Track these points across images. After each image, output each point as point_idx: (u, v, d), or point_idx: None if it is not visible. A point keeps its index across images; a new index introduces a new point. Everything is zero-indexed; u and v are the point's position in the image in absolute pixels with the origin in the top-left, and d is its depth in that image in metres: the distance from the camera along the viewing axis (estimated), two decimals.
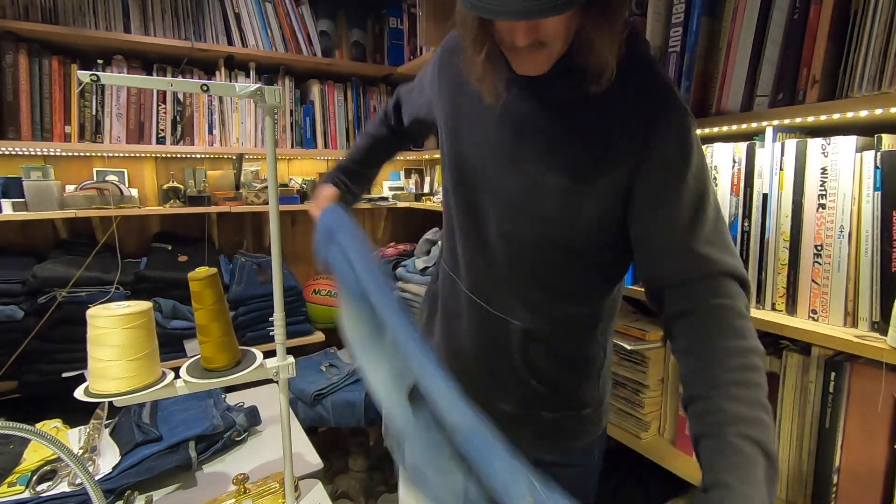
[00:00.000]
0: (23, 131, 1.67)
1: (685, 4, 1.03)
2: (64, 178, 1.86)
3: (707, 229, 0.63)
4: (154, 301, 1.75)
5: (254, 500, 0.98)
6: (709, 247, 0.62)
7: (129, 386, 0.79)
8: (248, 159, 2.14)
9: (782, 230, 0.91)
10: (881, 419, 0.79)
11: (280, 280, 0.89)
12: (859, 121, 0.87)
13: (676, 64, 1.06)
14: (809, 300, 0.88)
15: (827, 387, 0.85)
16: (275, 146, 0.85)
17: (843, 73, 0.80)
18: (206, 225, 2.13)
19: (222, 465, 1.12)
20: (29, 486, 0.99)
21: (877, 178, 0.78)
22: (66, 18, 1.71)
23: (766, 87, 0.91)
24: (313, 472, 1.11)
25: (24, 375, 1.61)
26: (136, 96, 1.84)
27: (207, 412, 1.20)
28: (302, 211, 2.33)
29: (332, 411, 1.81)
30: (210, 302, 0.85)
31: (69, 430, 1.20)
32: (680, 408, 1.10)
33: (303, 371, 1.97)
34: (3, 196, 1.64)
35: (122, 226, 1.93)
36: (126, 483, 1.00)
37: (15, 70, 1.65)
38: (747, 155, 0.95)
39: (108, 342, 0.77)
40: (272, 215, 0.87)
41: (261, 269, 2.01)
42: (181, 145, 1.93)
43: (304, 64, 2.12)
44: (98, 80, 0.73)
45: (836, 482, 0.86)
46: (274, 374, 0.90)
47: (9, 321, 1.57)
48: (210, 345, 0.86)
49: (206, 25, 1.95)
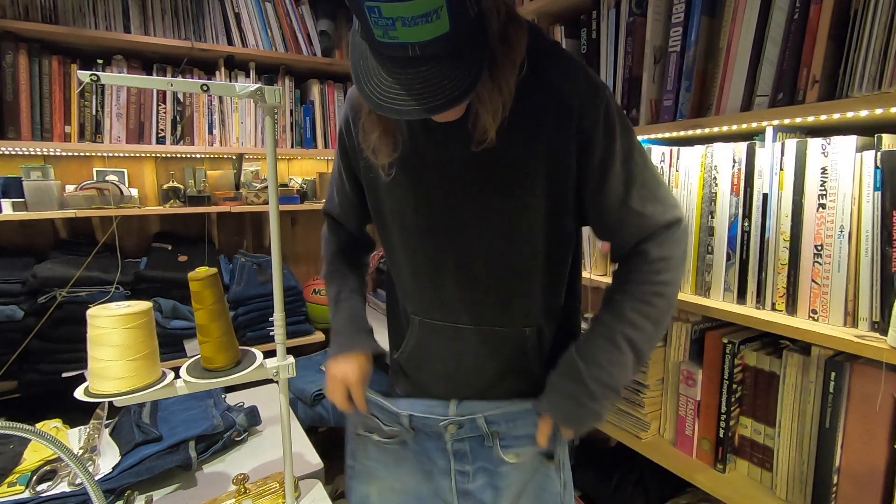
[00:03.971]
0: (23, 131, 1.67)
1: (685, 4, 1.03)
2: (64, 178, 1.86)
3: (637, 191, 0.73)
4: (154, 301, 1.75)
5: (254, 500, 0.98)
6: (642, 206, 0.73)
7: (129, 386, 0.79)
8: (248, 159, 2.14)
9: (782, 230, 0.91)
10: (881, 419, 0.79)
11: (280, 280, 0.89)
12: (859, 121, 0.87)
13: (676, 64, 1.06)
14: (809, 300, 0.88)
15: (827, 387, 0.85)
16: (275, 146, 0.85)
17: (843, 73, 0.80)
18: (206, 225, 2.13)
19: (222, 465, 1.12)
20: (29, 486, 0.99)
21: (877, 178, 0.78)
22: (66, 18, 1.71)
23: (766, 87, 0.91)
24: (313, 472, 1.11)
25: (24, 375, 1.61)
26: (136, 96, 1.84)
27: (207, 412, 1.20)
28: (302, 211, 2.34)
29: (332, 411, 1.81)
30: (210, 302, 0.85)
31: (69, 430, 1.20)
32: (680, 408, 1.10)
33: (303, 371, 1.97)
34: (3, 196, 1.64)
35: (122, 226, 1.93)
36: (126, 483, 1.00)
37: (15, 70, 1.65)
38: (747, 155, 0.95)
39: (108, 342, 0.77)
40: (272, 215, 0.87)
41: (261, 269, 2.01)
42: (181, 145, 1.93)
43: (304, 64, 2.12)
44: (98, 80, 0.73)
45: (836, 482, 0.86)
46: (274, 374, 0.91)
47: (9, 321, 1.57)
48: (210, 345, 0.86)
49: (206, 25, 1.95)
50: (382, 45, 0.55)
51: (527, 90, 0.67)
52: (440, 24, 0.52)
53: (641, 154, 0.74)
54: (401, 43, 0.53)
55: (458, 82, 0.55)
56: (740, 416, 1.01)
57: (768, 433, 0.97)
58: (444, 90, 0.55)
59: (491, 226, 0.74)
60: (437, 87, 0.55)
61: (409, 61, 0.55)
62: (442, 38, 0.53)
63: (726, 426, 1.01)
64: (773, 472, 0.96)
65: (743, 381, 1.00)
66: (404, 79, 0.56)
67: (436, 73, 0.55)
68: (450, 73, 0.55)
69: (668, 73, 1.08)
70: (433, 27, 0.52)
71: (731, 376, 1.00)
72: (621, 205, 0.73)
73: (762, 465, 0.98)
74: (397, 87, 0.56)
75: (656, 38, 1.11)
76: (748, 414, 1.00)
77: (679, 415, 1.11)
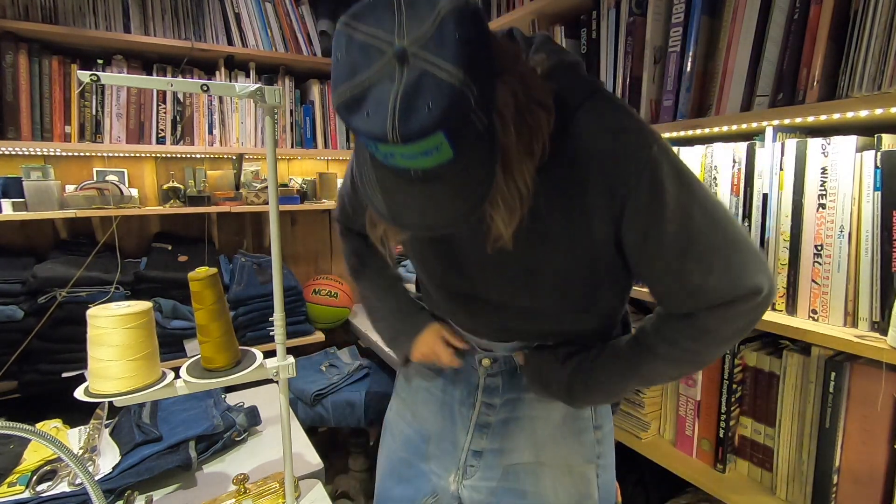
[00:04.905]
0: (23, 131, 1.67)
1: (685, 4, 1.03)
2: (64, 178, 1.86)
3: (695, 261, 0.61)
4: (154, 301, 1.75)
5: (254, 500, 0.98)
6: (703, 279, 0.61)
7: (129, 386, 0.79)
8: (248, 159, 2.14)
9: (782, 230, 0.91)
10: (881, 419, 0.79)
11: (280, 280, 0.89)
12: (859, 121, 0.87)
13: (676, 64, 1.06)
14: (809, 300, 0.88)
15: (827, 387, 0.85)
16: (275, 146, 0.85)
17: (843, 73, 0.80)
18: (206, 225, 2.13)
19: (222, 465, 1.12)
20: (29, 486, 0.99)
21: (877, 178, 0.78)
22: (66, 18, 1.71)
23: (766, 87, 0.91)
24: (313, 472, 1.11)
25: (24, 375, 1.61)
26: (136, 96, 1.84)
27: (207, 412, 1.20)
28: (302, 211, 2.34)
29: (332, 411, 1.81)
30: (210, 302, 0.85)
31: (69, 430, 1.20)
32: (680, 408, 1.10)
33: (303, 371, 1.97)
34: (3, 196, 1.64)
35: (122, 226, 1.93)
36: (126, 483, 0.99)
37: (15, 70, 1.65)
38: (747, 155, 0.95)
39: (108, 342, 0.77)
40: (272, 215, 0.87)
41: (261, 269, 2.01)
42: (181, 145, 1.93)
43: (304, 64, 2.12)
44: (98, 80, 0.73)
45: (836, 482, 0.86)
46: (274, 374, 0.90)
47: (9, 321, 1.57)
48: (210, 345, 0.86)
49: (206, 25, 1.95)
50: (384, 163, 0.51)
51: (553, 153, 0.59)
52: (442, 154, 0.48)
53: (706, 212, 0.60)
54: (402, 167, 0.49)
55: (463, 200, 0.51)
56: (740, 416, 1.01)
57: (768, 433, 0.97)
58: (446, 209, 0.51)
59: (515, 286, 0.70)
60: (439, 206, 0.51)
61: (411, 181, 0.51)
62: (446, 164, 0.49)
63: (726, 426, 1.01)
64: (773, 472, 0.96)
65: (743, 381, 1.00)
66: (403, 195, 0.52)
67: (438, 191, 0.51)
68: (454, 191, 0.51)
69: (668, 73, 1.08)
70: (435, 158, 0.48)
71: (731, 376, 1.00)
72: (675, 278, 0.62)
73: (762, 465, 0.98)
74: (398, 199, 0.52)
75: (656, 38, 1.11)
76: (748, 414, 1.00)
77: (679, 415, 1.11)
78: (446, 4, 0.46)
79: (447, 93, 0.45)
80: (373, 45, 0.47)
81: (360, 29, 0.48)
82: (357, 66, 0.48)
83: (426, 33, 0.46)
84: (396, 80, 0.46)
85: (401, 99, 0.45)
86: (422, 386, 0.87)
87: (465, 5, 0.46)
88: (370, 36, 0.48)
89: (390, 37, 0.47)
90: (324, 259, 2.47)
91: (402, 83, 0.46)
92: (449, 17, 0.46)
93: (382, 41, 0.47)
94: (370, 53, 0.47)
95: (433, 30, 0.46)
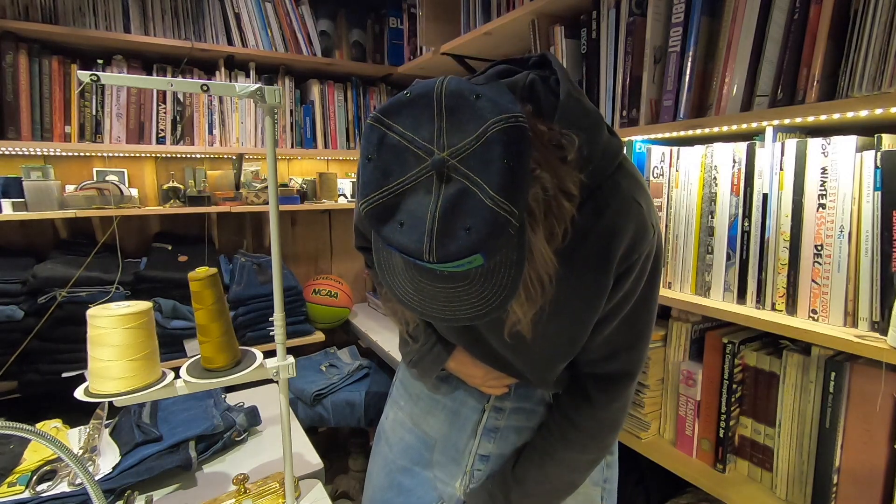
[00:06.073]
0: (23, 131, 1.67)
1: (685, 4, 1.03)
2: (64, 178, 1.86)
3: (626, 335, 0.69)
4: (154, 301, 1.74)
5: (254, 500, 0.98)
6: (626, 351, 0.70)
7: (129, 386, 0.79)
8: (248, 159, 2.14)
9: (782, 230, 0.91)
10: (881, 419, 0.79)
11: (280, 280, 0.89)
12: (859, 121, 0.87)
13: (676, 64, 1.06)
14: (809, 300, 0.88)
15: (827, 387, 0.85)
16: (275, 146, 0.85)
17: (843, 73, 0.80)
18: (206, 225, 2.13)
19: (222, 465, 1.12)
20: (29, 486, 0.99)
21: (877, 178, 0.78)
22: (66, 18, 1.71)
23: (766, 87, 0.91)
24: (313, 472, 1.11)
25: (24, 375, 1.61)
26: (136, 96, 1.84)
27: (207, 412, 1.20)
28: (302, 211, 2.34)
29: (332, 411, 1.81)
30: (210, 302, 0.85)
31: (69, 430, 1.20)
32: (680, 408, 1.10)
33: (303, 371, 1.97)
34: (3, 196, 1.64)
35: (122, 226, 1.93)
36: (126, 483, 1.00)
37: (15, 70, 1.65)
38: (747, 155, 0.95)
39: (108, 342, 0.77)
40: (272, 215, 0.87)
41: (261, 269, 2.01)
42: (181, 145, 1.93)
43: (304, 64, 2.12)
44: (98, 80, 0.73)
45: (836, 482, 0.86)
46: (274, 374, 0.90)
47: (9, 321, 1.57)
48: (210, 345, 0.86)
49: (206, 25, 1.95)
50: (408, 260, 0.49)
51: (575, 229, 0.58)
52: (474, 263, 0.46)
53: (653, 308, 0.69)
54: (430, 267, 0.47)
55: (488, 300, 0.49)
56: (740, 416, 1.01)
57: (768, 433, 0.97)
58: (470, 306, 0.50)
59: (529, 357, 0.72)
60: (463, 302, 0.50)
61: (437, 277, 0.49)
62: (475, 268, 0.47)
63: (726, 426, 1.01)
64: (773, 472, 0.96)
65: (743, 381, 1.00)
66: (429, 287, 0.50)
67: (463, 290, 0.49)
68: (480, 290, 0.49)
69: (668, 73, 1.08)
70: (466, 267, 0.46)
71: (731, 376, 1.00)
72: (611, 336, 0.68)
73: (762, 465, 0.98)
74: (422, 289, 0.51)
75: (656, 38, 1.11)
76: (748, 414, 1.00)
77: (679, 415, 1.11)
78: (496, 124, 0.43)
79: (489, 219, 0.43)
80: (409, 150, 0.45)
81: (394, 130, 0.46)
82: (390, 170, 0.45)
83: (469, 146, 0.43)
84: (434, 193, 0.44)
85: (439, 219, 0.43)
86: (424, 394, 0.86)
87: (514, 130, 0.44)
88: (406, 139, 0.45)
89: (429, 144, 0.44)
90: (324, 259, 2.47)
91: (441, 199, 0.43)
92: (497, 138, 0.43)
93: (419, 147, 0.44)
94: (405, 157, 0.45)
95: (478, 146, 0.43)
